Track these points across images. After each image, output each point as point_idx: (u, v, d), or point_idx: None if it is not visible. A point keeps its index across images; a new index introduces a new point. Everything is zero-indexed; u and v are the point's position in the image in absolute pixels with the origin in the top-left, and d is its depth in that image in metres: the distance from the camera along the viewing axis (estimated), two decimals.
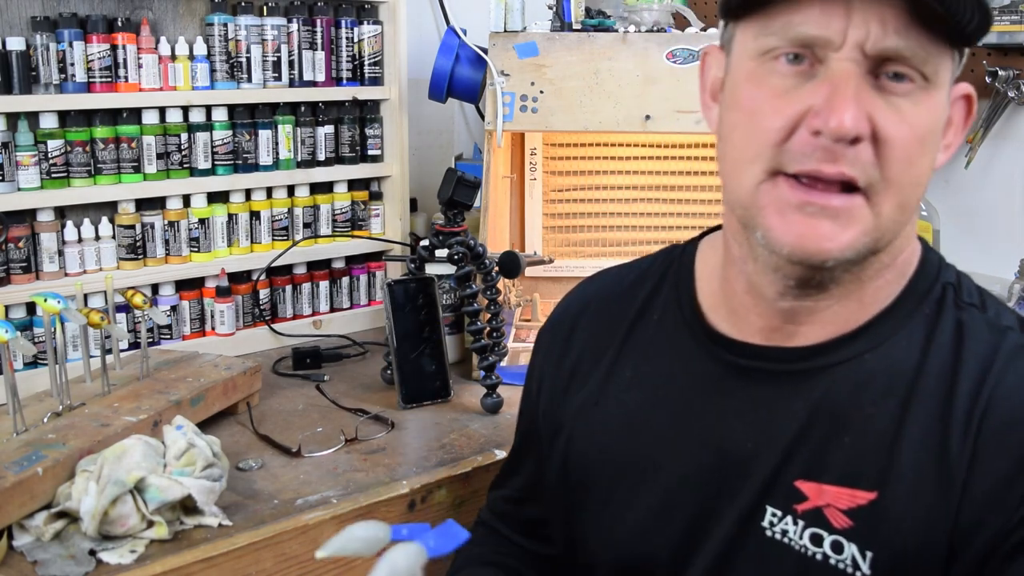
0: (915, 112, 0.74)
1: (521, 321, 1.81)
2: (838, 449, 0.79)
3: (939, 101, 0.76)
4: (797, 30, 0.74)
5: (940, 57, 0.74)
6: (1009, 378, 0.77)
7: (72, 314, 1.22)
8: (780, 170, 0.75)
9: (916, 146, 0.74)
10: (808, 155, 0.73)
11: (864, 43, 0.72)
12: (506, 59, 1.68)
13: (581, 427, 0.95)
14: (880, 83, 0.73)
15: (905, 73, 0.73)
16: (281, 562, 1.09)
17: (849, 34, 0.72)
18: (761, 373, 0.84)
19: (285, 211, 1.80)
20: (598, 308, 0.99)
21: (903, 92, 0.73)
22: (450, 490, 1.24)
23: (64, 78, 1.53)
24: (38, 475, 1.06)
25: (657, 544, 0.87)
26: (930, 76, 0.74)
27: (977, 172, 2.03)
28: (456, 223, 1.53)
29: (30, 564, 1.01)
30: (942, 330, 0.80)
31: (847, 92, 0.72)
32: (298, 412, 1.46)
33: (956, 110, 0.82)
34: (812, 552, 0.78)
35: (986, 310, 0.82)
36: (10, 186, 1.50)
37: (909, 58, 0.72)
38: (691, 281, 0.92)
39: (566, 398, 0.97)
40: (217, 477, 1.12)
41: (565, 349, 0.99)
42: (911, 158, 0.74)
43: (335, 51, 1.82)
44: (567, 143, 1.95)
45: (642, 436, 0.90)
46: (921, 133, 0.75)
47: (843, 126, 0.71)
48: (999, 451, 0.74)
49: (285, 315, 1.83)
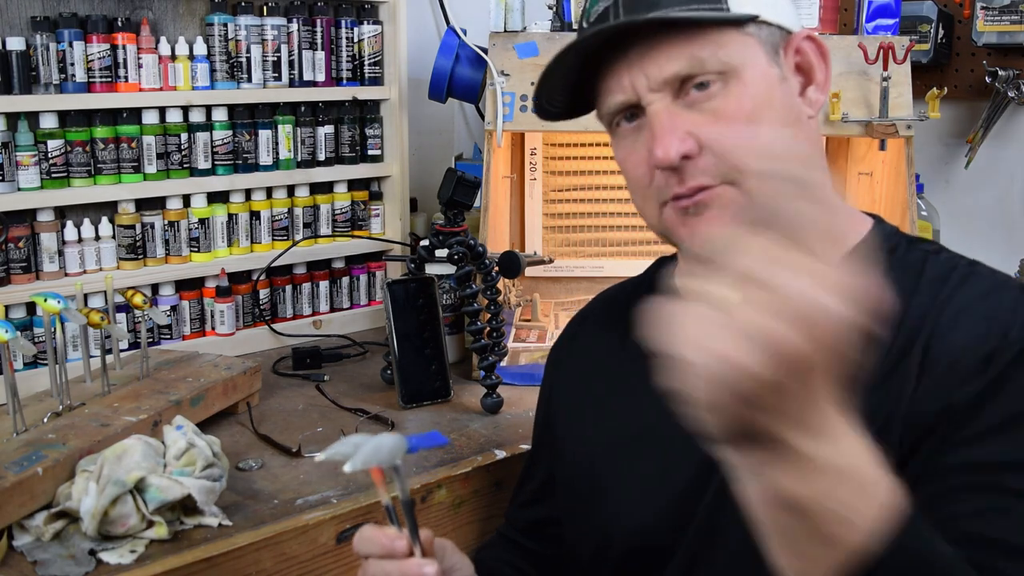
0: (727, 104, 0.83)
1: (521, 321, 1.81)
2: None
3: (753, 78, 0.84)
4: (609, 106, 0.88)
5: (722, 47, 0.83)
6: (957, 294, 0.82)
7: (72, 314, 1.22)
8: (664, 200, 0.87)
9: (743, 128, 0.83)
10: (666, 185, 0.85)
11: (650, 83, 0.84)
12: (506, 59, 1.68)
13: (588, 424, 1.00)
14: (690, 100, 0.84)
15: (703, 81, 0.83)
16: (281, 562, 1.09)
17: (636, 85, 0.85)
18: None
19: (285, 211, 1.80)
20: (599, 317, 1.09)
21: (710, 96, 0.83)
22: (450, 490, 1.24)
23: (64, 78, 1.53)
24: (38, 475, 1.06)
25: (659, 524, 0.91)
26: (724, 68, 0.83)
27: (977, 172, 2.03)
28: (456, 223, 1.53)
29: (30, 564, 1.01)
30: (897, 269, 0.86)
31: (661, 128, 0.83)
32: (298, 412, 1.46)
33: (806, 55, 0.89)
34: None
35: (940, 253, 0.88)
36: (10, 186, 1.50)
37: (692, 71, 0.83)
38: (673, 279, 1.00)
39: (574, 399, 1.04)
40: (217, 477, 1.12)
41: (572, 355, 1.09)
42: (742, 141, 0.82)
43: (335, 51, 1.82)
44: (567, 143, 1.95)
45: (642, 423, 0.95)
46: (744, 115, 0.83)
47: (665, 158, 0.82)
48: (949, 347, 0.79)
49: (285, 315, 1.83)
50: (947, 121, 2.04)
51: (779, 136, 0.84)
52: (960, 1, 2.00)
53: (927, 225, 1.93)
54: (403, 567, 0.82)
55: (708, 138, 0.83)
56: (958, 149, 2.05)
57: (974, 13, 1.90)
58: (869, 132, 1.67)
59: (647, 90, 0.84)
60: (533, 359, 1.64)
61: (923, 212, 1.92)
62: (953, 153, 2.07)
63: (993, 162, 2.01)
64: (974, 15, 1.90)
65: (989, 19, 1.88)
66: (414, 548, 0.83)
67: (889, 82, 1.65)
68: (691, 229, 0.85)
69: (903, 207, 1.68)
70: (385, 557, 0.83)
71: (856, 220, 0.92)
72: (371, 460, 0.80)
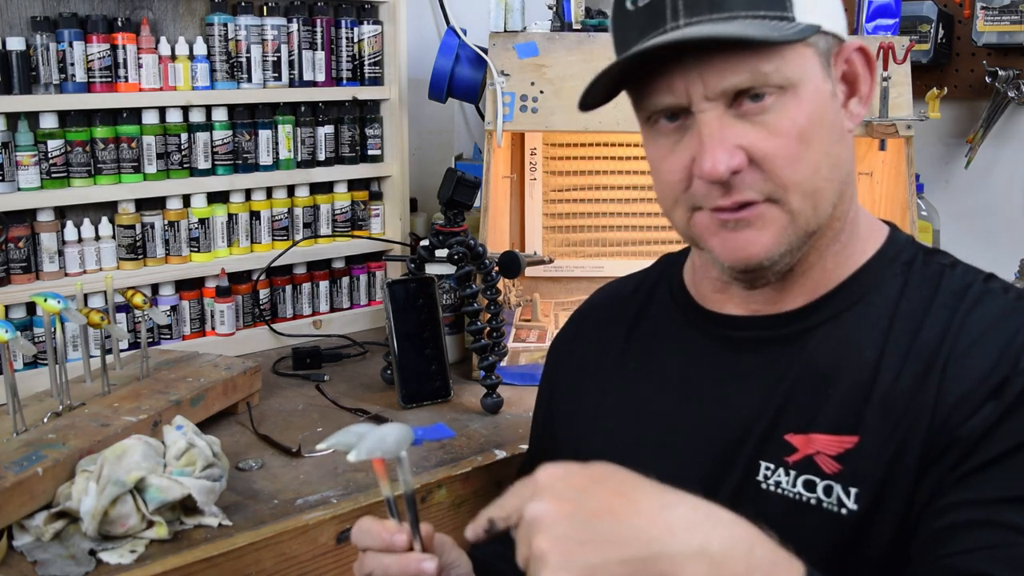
0: (781, 120, 0.80)
1: (521, 321, 1.81)
2: (824, 401, 0.84)
3: (808, 93, 0.81)
4: (654, 104, 0.83)
5: (786, 62, 0.80)
6: (973, 316, 0.82)
7: (72, 314, 1.22)
8: (698, 206, 0.85)
9: (796, 146, 0.80)
10: (706, 195, 0.83)
11: (707, 93, 0.80)
12: (506, 59, 1.68)
13: (592, 421, 1.00)
14: (743, 111, 0.81)
15: (759, 92, 0.80)
16: (281, 562, 1.09)
17: (691, 92, 0.80)
18: (752, 342, 0.91)
19: (285, 211, 1.80)
20: (601, 312, 1.07)
21: (765, 108, 0.80)
22: (450, 490, 1.24)
23: (64, 78, 1.53)
24: (38, 475, 1.06)
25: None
26: (785, 83, 0.80)
27: (977, 172, 2.03)
28: (456, 223, 1.53)
29: (30, 564, 1.01)
30: (913, 285, 0.87)
31: (711, 140, 0.80)
32: (298, 412, 1.46)
33: (854, 66, 0.87)
34: (806, 498, 0.83)
35: (956, 268, 0.88)
36: (10, 186, 1.50)
37: (754, 85, 0.79)
38: (681, 275, 1.00)
39: (577, 398, 1.03)
40: (217, 477, 1.12)
41: (573, 353, 1.07)
42: (795, 158, 0.81)
43: (335, 51, 1.82)
44: (567, 143, 1.95)
45: (650, 421, 0.95)
46: (797, 133, 0.80)
47: (713, 171, 0.80)
48: (964, 372, 0.80)
49: (285, 315, 1.83)
50: (947, 121, 2.04)
51: (828, 155, 0.83)
52: (960, 1, 2.00)
53: (927, 225, 1.93)
54: (402, 562, 0.81)
55: (760, 153, 0.80)
56: (958, 149, 2.05)
57: (974, 13, 1.90)
58: (869, 132, 1.67)
59: (702, 98, 0.80)
60: (533, 359, 1.64)
61: (923, 212, 1.92)
62: (953, 153, 2.07)
63: (993, 162, 2.01)
64: (974, 15, 1.90)
65: (989, 19, 1.88)
66: (414, 542, 0.81)
67: (889, 82, 1.65)
68: (724, 242, 0.84)
69: (903, 207, 1.68)
70: (384, 551, 0.82)
71: (874, 228, 0.92)
72: (376, 450, 0.78)
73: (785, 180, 0.81)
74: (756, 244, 0.83)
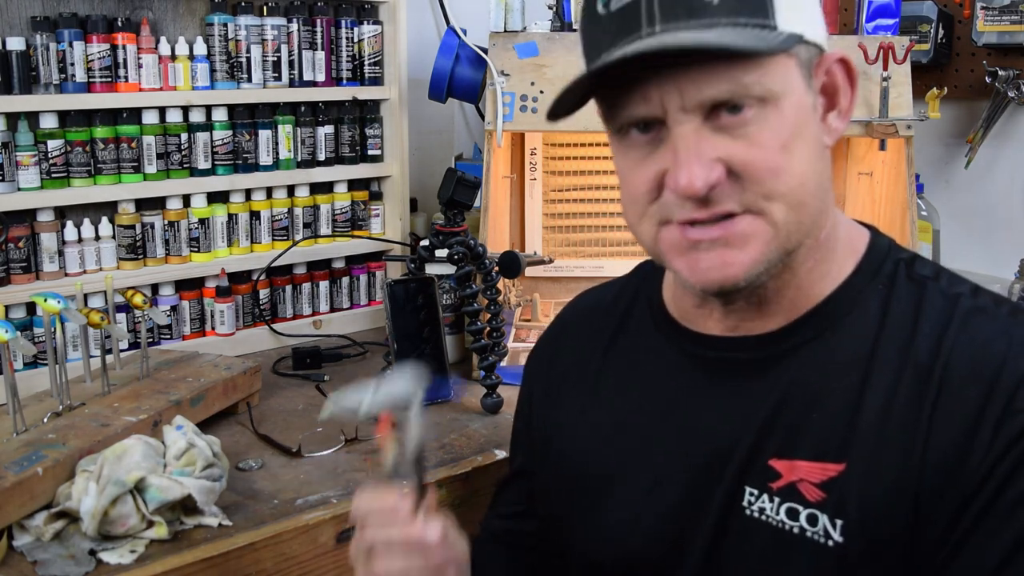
0: (762, 131, 0.76)
1: (521, 321, 1.81)
2: (808, 426, 0.81)
3: (789, 106, 0.77)
4: (626, 116, 0.78)
5: (768, 73, 0.75)
6: (963, 339, 0.79)
7: (72, 314, 1.22)
8: (667, 219, 0.80)
9: (777, 156, 0.76)
10: (680, 206, 0.78)
11: (684, 104, 0.75)
12: (506, 59, 1.68)
13: (570, 434, 0.98)
14: (720, 123, 0.76)
15: (738, 104, 0.75)
16: (281, 562, 1.09)
17: (667, 104, 0.75)
18: (733, 363, 0.87)
19: (285, 211, 1.80)
20: (582, 323, 1.04)
21: (744, 121, 0.76)
22: (450, 490, 1.24)
23: (64, 78, 1.53)
24: (38, 475, 1.06)
25: (650, 538, 0.89)
26: (766, 95, 0.75)
27: (977, 172, 2.03)
28: (456, 223, 1.53)
29: (30, 564, 1.01)
30: (897, 302, 0.83)
31: (687, 153, 0.75)
32: (298, 412, 1.46)
33: (834, 78, 0.83)
34: (789, 527, 0.80)
35: (939, 280, 0.84)
36: (10, 186, 1.50)
37: (734, 97, 0.75)
38: (660, 290, 0.97)
39: (555, 408, 1.01)
40: (217, 477, 1.12)
41: (553, 362, 1.04)
42: (777, 168, 0.76)
43: (335, 51, 1.82)
44: (567, 143, 1.95)
45: (629, 438, 0.92)
46: (779, 143, 0.76)
47: (690, 187, 0.75)
48: (957, 407, 0.76)
49: (285, 315, 1.83)
50: (947, 121, 2.04)
51: (813, 170, 0.78)
52: (960, 1, 2.00)
53: (927, 225, 1.93)
54: (407, 532, 0.79)
55: (741, 163, 0.75)
56: (958, 149, 2.05)
57: (974, 13, 1.90)
58: (869, 132, 1.68)
59: (679, 110, 0.75)
60: None
61: (923, 212, 1.92)
62: (953, 153, 2.07)
63: (993, 162, 2.01)
64: (974, 15, 1.91)
65: (989, 19, 1.88)
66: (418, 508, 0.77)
67: (889, 82, 1.65)
68: (693, 266, 0.79)
69: (903, 207, 1.68)
70: (387, 520, 0.79)
71: (853, 238, 0.88)
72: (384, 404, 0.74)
73: (768, 190, 0.76)
74: (735, 264, 0.78)
